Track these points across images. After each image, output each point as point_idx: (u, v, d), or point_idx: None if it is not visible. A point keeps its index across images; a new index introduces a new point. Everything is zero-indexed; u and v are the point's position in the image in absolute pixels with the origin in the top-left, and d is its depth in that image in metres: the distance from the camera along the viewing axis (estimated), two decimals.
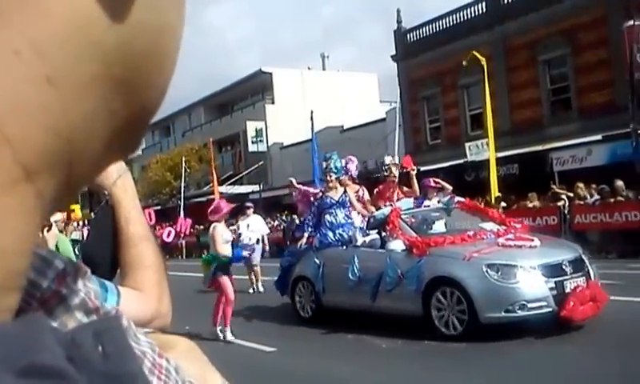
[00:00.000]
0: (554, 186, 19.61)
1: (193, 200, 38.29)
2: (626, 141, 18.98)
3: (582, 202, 17.60)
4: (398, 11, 32.02)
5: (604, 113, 22.51)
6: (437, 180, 12.14)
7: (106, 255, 1.30)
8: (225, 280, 9.74)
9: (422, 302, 8.76)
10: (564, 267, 8.39)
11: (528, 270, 8.21)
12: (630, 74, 19.52)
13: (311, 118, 29.14)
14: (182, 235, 29.57)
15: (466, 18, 28.47)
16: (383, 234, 9.85)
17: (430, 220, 10.20)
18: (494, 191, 20.15)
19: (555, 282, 8.17)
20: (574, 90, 24.44)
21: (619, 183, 17.00)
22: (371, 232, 10.36)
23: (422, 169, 27.78)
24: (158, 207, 36.61)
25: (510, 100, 26.34)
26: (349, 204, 10.93)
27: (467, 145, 25.01)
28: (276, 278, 11.77)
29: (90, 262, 1.15)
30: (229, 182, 41.00)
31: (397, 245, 9.31)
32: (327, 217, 10.71)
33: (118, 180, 1.31)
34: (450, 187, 11.96)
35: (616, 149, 20.84)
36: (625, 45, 20.64)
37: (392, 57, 32.24)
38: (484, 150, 22.08)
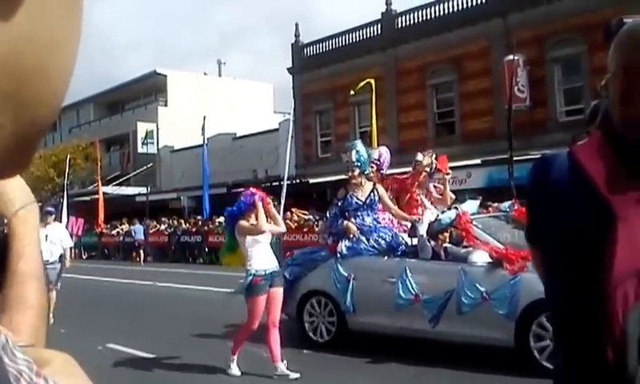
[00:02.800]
0: None
1: (76, 199, 36.85)
2: (503, 166, 20.11)
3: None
4: (297, 25, 32.47)
5: (484, 139, 23.79)
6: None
7: None
8: (258, 301, 7.28)
9: (514, 329, 7.00)
10: None
11: None
12: (508, 104, 20.59)
13: (204, 124, 28.88)
14: (75, 236, 28.54)
15: (361, 38, 29.28)
16: (432, 242, 8.11)
17: (494, 229, 8.31)
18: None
19: None
20: (458, 116, 25.68)
21: (496, 206, 17.93)
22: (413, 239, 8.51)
23: (311, 181, 28.34)
24: (39, 204, 34.88)
25: (398, 120, 27.29)
26: (378, 205, 8.77)
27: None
28: None
29: None
30: (115, 183, 39.80)
31: (479, 257, 7.54)
32: (353, 220, 8.62)
33: (21, 210, 1.19)
34: (453, 196, 9.80)
35: (493, 173, 22.04)
36: (505, 77, 21.95)
37: (288, 69, 32.57)
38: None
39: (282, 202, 24.55)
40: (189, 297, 14.89)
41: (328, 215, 9.23)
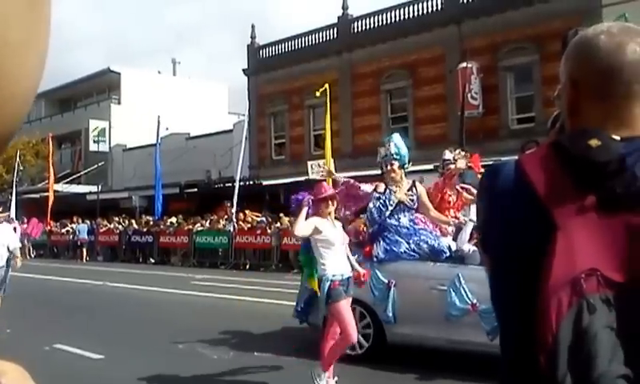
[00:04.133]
0: None
1: (25, 196, 35.96)
2: None
3: None
4: (253, 27, 32.35)
5: (437, 144, 24.03)
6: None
7: None
8: (343, 306, 6.28)
9: None
10: None
11: None
12: (461, 111, 20.96)
13: (158, 123, 28.56)
14: (30, 237, 28.13)
15: (317, 41, 29.34)
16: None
17: None
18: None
19: None
20: (411, 121, 25.91)
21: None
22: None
23: (265, 183, 28.24)
24: None
25: (353, 124, 27.41)
26: (417, 205, 7.81)
27: (309, 163, 25.59)
28: (296, 303, 8.28)
29: None
30: (66, 181, 38.97)
31: None
32: (389, 220, 7.73)
33: None
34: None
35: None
36: (458, 84, 22.29)
37: (243, 70, 32.42)
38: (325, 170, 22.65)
39: (235, 203, 24.59)
40: (139, 297, 14.68)
41: (369, 212, 8.10)
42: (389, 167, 7.88)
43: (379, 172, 8.62)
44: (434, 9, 25.33)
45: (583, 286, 1.05)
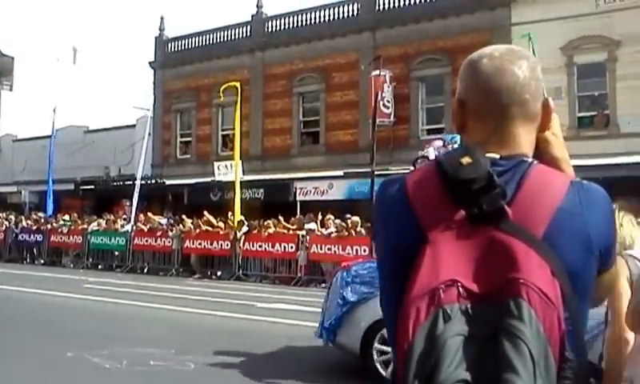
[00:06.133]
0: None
1: None
2: (365, 180, 20.10)
3: (318, 233, 18.17)
4: (162, 18, 31.10)
5: (347, 151, 23.83)
6: None
7: None
8: None
9: None
10: None
11: None
12: (373, 119, 20.82)
13: (53, 113, 27.01)
14: None
15: (229, 38, 28.50)
16: None
17: None
18: (237, 214, 20.08)
19: None
20: (323, 126, 25.53)
21: (355, 218, 17.89)
22: None
23: (168, 182, 27.09)
24: None
25: (263, 126, 26.75)
26: None
27: (216, 164, 24.78)
28: (322, 320, 7.53)
29: None
30: None
31: None
32: None
33: None
34: None
35: (354, 186, 22.03)
36: (371, 91, 22.09)
37: (150, 63, 31.08)
38: (232, 171, 22.03)
39: (135, 203, 23.40)
40: (24, 301, 13.58)
41: None
42: None
43: (286, 176, 8.00)
44: (350, 14, 25.13)
45: (441, 296, 1.10)
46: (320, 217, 18.83)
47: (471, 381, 1.03)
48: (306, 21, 26.23)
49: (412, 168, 1.43)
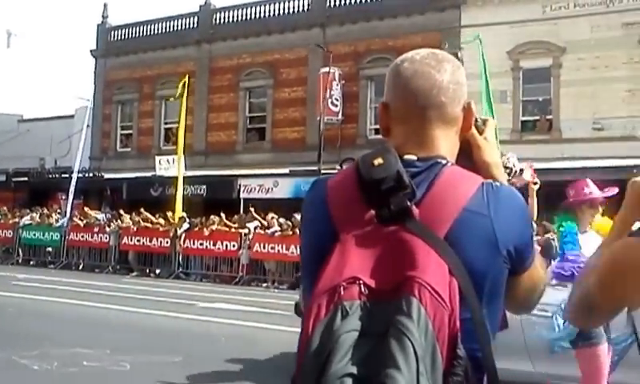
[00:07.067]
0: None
1: None
2: (312, 178, 19.69)
3: (262, 232, 17.77)
4: (105, 5, 30.07)
5: (294, 148, 23.47)
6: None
7: None
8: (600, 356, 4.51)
9: None
10: None
11: None
12: (320, 116, 20.60)
13: None
14: None
15: (175, 28, 27.77)
16: None
17: None
18: (179, 210, 19.56)
19: None
20: (269, 122, 25.11)
21: (299, 217, 17.51)
22: None
23: (106, 176, 26.21)
24: None
25: (208, 120, 26.15)
26: None
27: (158, 158, 24.08)
28: None
29: None
30: None
31: None
32: None
33: None
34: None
35: (301, 185, 21.67)
36: (320, 88, 21.81)
37: (91, 51, 30.01)
38: (174, 166, 21.40)
39: (71, 196, 22.55)
40: None
41: None
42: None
43: (230, 173, 7.88)
44: (300, 10, 24.80)
45: (341, 293, 1.12)
46: (263, 215, 18.44)
47: (357, 375, 1.05)
48: (256, 14, 25.76)
49: (338, 169, 1.42)
